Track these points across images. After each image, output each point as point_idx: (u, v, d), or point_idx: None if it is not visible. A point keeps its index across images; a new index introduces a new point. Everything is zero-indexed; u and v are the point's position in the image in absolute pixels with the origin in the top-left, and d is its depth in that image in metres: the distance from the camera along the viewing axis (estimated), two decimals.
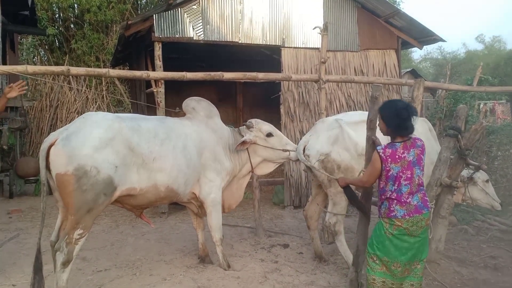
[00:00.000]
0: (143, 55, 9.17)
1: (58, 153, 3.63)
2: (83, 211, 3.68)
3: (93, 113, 4.12)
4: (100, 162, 3.70)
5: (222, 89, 11.79)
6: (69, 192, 3.61)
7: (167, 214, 7.37)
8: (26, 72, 4.82)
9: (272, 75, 7.29)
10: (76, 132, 3.73)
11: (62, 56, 16.96)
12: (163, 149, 4.22)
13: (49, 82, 14.61)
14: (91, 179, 3.64)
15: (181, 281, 4.51)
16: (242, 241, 5.90)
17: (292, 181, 7.95)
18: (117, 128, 3.92)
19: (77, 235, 3.69)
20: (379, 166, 3.40)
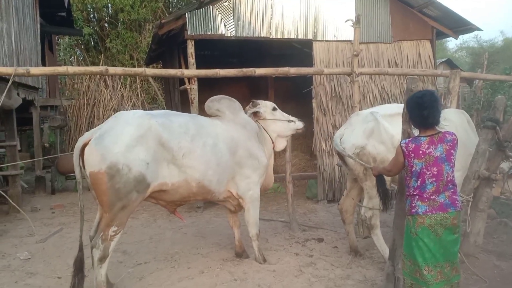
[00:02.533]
0: (176, 52, 9.32)
1: (91, 152, 3.71)
2: (117, 208, 3.75)
3: (124, 112, 4.19)
4: (132, 160, 3.76)
5: (254, 84, 11.83)
6: (102, 190, 3.70)
7: (202, 209, 7.51)
8: (67, 72, 5.00)
9: (304, 69, 7.28)
10: (108, 131, 3.81)
11: (98, 55, 17.44)
12: (193, 145, 4.24)
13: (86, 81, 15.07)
14: (124, 177, 3.71)
15: (218, 274, 4.61)
16: (276, 235, 5.95)
17: (325, 175, 7.93)
18: (147, 125, 3.97)
19: (112, 231, 3.77)
20: (401, 160, 3.33)
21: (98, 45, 18.00)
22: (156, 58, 11.93)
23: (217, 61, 9.25)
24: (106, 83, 15.90)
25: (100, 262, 3.74)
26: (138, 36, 17.31)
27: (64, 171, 9.81)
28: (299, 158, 10.52)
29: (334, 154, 7.77)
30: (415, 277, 3.32)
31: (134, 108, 15.88)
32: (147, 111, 4.27)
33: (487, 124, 4.41)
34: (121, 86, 16.01)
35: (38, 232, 6.34)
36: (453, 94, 6.11)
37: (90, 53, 18.05)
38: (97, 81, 15.56)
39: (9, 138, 7.95)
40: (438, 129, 3.29)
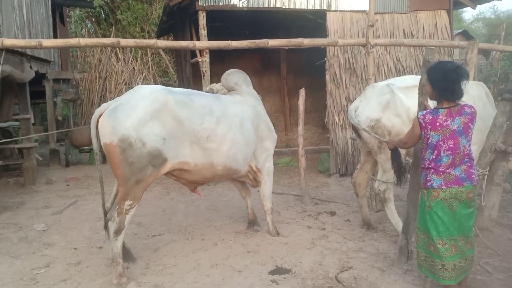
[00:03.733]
0: (188, 24, 9.21)
1: (104, 123, 3.66)
2: (132, 182, 3.70)
3: (144, 86, 4.08)
4: (145, 134, 3.67)
5: (266, 56, 11.69)
6: (116, 163, 3.65)
7: (214, 182, 7.53)
8: (78, 44, 4.96)
9: (317, 40, 7.14)
10: (123, 104, 3.74)
11: (109, 27, 17.33)
12: (220, 128, 4.13)
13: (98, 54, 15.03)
14: (137, 151, 3.63)
15: (231, 246, 4.65)
16: (288, 209, 5.97)
17: (338, 148, 7.88)
18: (163, 100, 3.85)
19: (127, 205, 3.74)
20: (418, 132, 3.29)
21: (109, 18, 17.85)
22: (167, 30, 11.80)
23: (229, 32, 9.10)
24: (117, 56, 15.85)
25: (116, 235, 3.73)
26: (149, 8, 17.12)
27: (77, 144, 9.89)
28: (311, 131, 10.48)
29: (347, 128, 7.70)
30: (429, 250, 3.31)
31: (146, 81, 15.85)
32: (168, 88, 4.17)
33: (505, 96, 4.30)
34: (132, 59, 15.95)
35: (54, 204, 6.45)
36: (470, 65, 5.93)
37: (101, 26, 17.94)
38: (108, 54, 15.50)
39: (23, 111, 8.00)
40: (456, 101, 3.21)
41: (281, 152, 8.52)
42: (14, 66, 7.07)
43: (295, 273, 3.95)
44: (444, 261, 3.21)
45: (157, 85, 4.22)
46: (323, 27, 8.28)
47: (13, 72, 6.79)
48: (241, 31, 11.23)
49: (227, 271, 4.06)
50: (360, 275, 3.88)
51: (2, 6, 6.90)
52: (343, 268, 4.03)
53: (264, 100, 11.90)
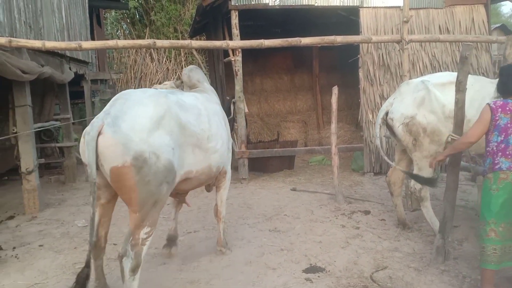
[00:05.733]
0: (220, 24, 9.29)
1: (109, 143, 2.98)
2: (149, 205, 3.15)
3: (130, 91, 3.54)
4: (158, 146, 3.14)
5: (298, 54, 11.65)
6: (130, 187, 3.05)
7: (247, 180, 7.59)
8: (116, 46, 5.12)
9: (351, 37, 7.08)
10: (121, 115, 3.10)
11: (143, 28, 17.68)
12: (212, 127, 3.89)
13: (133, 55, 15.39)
14: (153, 167, 3.08)
15: (265, 244, 4.69)
16: (322, 207, 5.95)
17: (372, 147, 7.78)
18: (165, 104, 3.38)
19: (144, 234, 3.14)
20: (488, 117, 3.34)
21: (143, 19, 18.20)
22: (200, 30, 11.94)
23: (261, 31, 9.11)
24: (152, 57, 16.18)
25: (133, 273, 3.10)
26: (182, 8, 17.35)
27: None
28: (344, 129, 10.38)
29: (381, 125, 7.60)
30: (495, 239, 3.30)
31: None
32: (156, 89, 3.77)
33: None
34: (166, 60, 16.25)
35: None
36: (510, 61, 5.76)
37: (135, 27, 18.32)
38: (143, 55, 15.85)
39: (63, 111, 8.29)
40: None
41: (313, 150, 8.50)
42: (55, 67, 7.33)
43: (330, 272, 3.95)
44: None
45: (146, 89, 3.93)
46: (356, 24, 8.19)
47: (53, 74, 7.04)
48: (273, 29, 11.24)
49: (261, 268, 4.10)
50: (396, 274, 3.84)
51: (42, 10, 7.17)
52: (378, 267, 4.00)
53: (296, 98, 11.97)
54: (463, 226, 4.83)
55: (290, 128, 11.11)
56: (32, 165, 6.17)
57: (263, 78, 11.95)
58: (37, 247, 4.88)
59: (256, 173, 8.09)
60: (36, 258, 4.55)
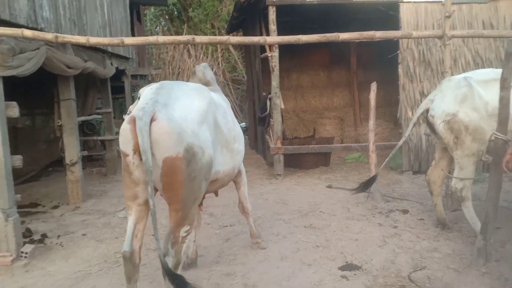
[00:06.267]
0: (258, 20, 9.31)
1: (164, 129, 2.78)
2: (191, 203, 3.03)
3: (169, 82, 3.33)
4: (204, 141, 3.02)
5: (335, 50, 11.52)
6: (179, 182, 2.87)
7: (282, 176, 7.60)
8: (157, 42, 5.24)
9: (390, 33, 6.94)
10: (170, 103, 2.94)
11: (181, 25, 17.96)
12: (236, 127, 3.77)
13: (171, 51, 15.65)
14: (199, 163, 2.94)
15: (300, 240, 4.70)
16: (358, 205, 5.89)
17: (411, 145, 7.63)
18: (207, 97, 3.28)
19: (184, 232, 3.04)
20: None
21: (181, 15, 18.49)
22: (237, 26, 12.02)
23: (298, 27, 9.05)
24: (189, 53, 16.41)
25: (175, 271, 2.96)
26: (219, 4, 17.51)
27: None
28: (382, 127, 10.21)
29: (421, 123, 7.43)
30: None
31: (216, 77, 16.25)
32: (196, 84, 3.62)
33: None
34: (203, 56, 16.44)
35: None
36: None
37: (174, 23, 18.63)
38: (181, 51, 16.11)
39: (105, 105, 8.56)
40: None
41: (350, 147, 8.41)
42: (97, 63, 7.57)
43: (366, 270, 3.91)
44: None
45: (182, 81, 3.74)
46: (394, 19, 8.02)
47: (96, 69, 7.28)
48: (310, 25, 11.14)
49: (296, 264, 4.12)
50: (435, 275, 3.77)
51: (86, 7, 7.40)
52: (416, 267, 3.93)
53: (333, 95, 11.88)
54: (506, 227, 4.67)
55: (326, 125, 11.03)
56: (76, 157, 6.41)
57: (299, 74, 11.91)
58: (80, 236, 5.08)
59: (291, 169, 8.09)
60: (79, 247, 4.74)
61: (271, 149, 7.72)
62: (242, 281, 3.82)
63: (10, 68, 4.38)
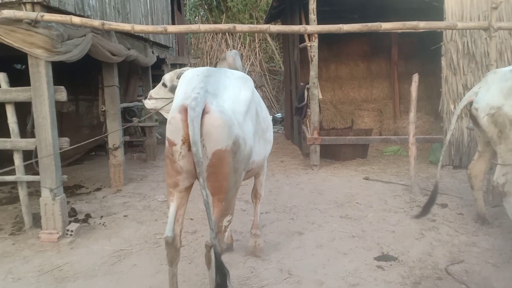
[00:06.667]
0: (297, 9, 9.27)
1: (217, 122, 2.76)
2: (233, 193, 3.05)
3: (230, 70, 3.38)
4: (247, 132, 3.02)
5: (375, 40, 11.31)
6: (225, 173, 2.88)
7: (318, 167, 7.59)
8: (199, 30, 5.31)
9: (434, 23, 6.75)
10: (219, 94, 2.92)
11: (220, 14, 18.06)
12: (267, 117, 3.72)
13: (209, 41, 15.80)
14: (241, 154, 2.95)
15: (336, 229, 4.72)
16: (396, 198, 5.83)
17: (452, 139, 7.44)
18: (251, 87, 3.24)
19: (226, 221, 3.06)
20: None
21: (220, 5, 18.57)
22: (276, 16, 11.98)
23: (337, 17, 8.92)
24: (227, 43, 16.52)
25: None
26: None
27: None
28: (423, 120, 9.98)
29: (463, 117, 7.24)
30: None
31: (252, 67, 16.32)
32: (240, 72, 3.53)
33: None
34: (240, 46, 16.50)
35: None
36: None
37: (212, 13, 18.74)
38: (219, 41, 16.23)
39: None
40: None
41: (389, 139, 8.29)
42: (139, 51, 7.75)
43: (402, 261, 3.90)
44: None
45: (226, 68, 3.52)
46: (437, 10, 7.80)
47: (138, 57, 7.46)
48: (350, 15, 11.00)
49: (331, 252, 4.14)
50: (472, 269, 3.71)
51: None
52: (454, 260, 3.88)
53: (372, 86, 11.68)
54: None
55: (364, 117, 10.88)
56: (118, 142, 6.63)
57: (338, 64, 11.77)
58: (122, 217, 5.28)
59: (328, 161, 8.07)
60: (121, 227, 4.93)
61: (307, 139, 7.72)
62: (277, 266, 3.89)
63: (59, 53, 4.56)
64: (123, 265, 4.00)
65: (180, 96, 2.94)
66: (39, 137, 4.53)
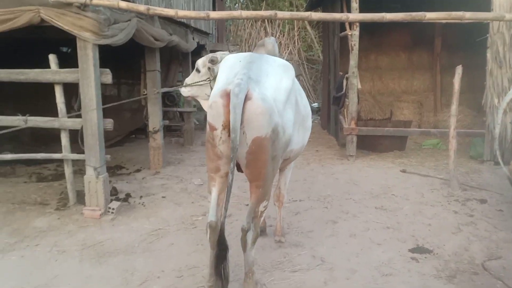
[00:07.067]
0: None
1: (259, 110, 2.77)
2: (270, 180, 3.09)
3: (261, 55, 3.28)
4: (286, 120, 3.04)
5: (418, 31, 11.00)
6: (263, 160, 2.90)
7: (354, 158, 7.54)
8: (240, 16, 5.35)
9: (481, 14, 6.49)
10: (261, 81, 2.93)
11: (259, 2, 18.00)
12: (307, 105, 3.68)
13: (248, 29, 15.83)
14: (280, 142, 2.98)
15: (370, 220, 4.71)
16: (433, 191, 5.74)
17: (494, 134, 7.20)
18: (292, 75, 3.24)
19: (262, 207, 3.12)
20: None
21: None
22: (317, 4, 11.85)
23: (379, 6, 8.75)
24: (266, 31, 16.48)
25: (254, 243, 3.14)
26: None
27: None
28: (464, 113, 9.69)
29: (508, 111, 7.00)
30: None
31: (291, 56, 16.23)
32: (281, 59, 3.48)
33: None
34: (279, 34, 16.43)
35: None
36: None
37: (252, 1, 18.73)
38: (258, 29, 16.22)
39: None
40: None
41: (428, 132, 8.11)
42: (180, 37, 7.88)
43: (438, 255, 3.87)
44: None
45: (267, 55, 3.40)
46: (483, 0, 7.52)
47: (179, 42, 7.59)
48: (392, 4, 10.71)
49: (365, 242, 4.15)
50: (511, 265, 3.63)
51: None
52: (491, 256, 3.82)
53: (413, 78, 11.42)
54: None
55: (403, 109, 10.67)
56: (158, 125, 6.81)
57: (378, 54, 11.55)
58: (160, 198, 5.44)
59: (364, 152, 7.99)
60: (159, 208, 5.10)
61: (344, 129, 7.67)
62: (310, 252, 3.93)
63: (106, 37, 4.71)
64: (161, 243, 4.15)
65: (222, 81, 2.96)
66: (85, 117, 4.72)
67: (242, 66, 2.99)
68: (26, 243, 4.12)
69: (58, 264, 3.73)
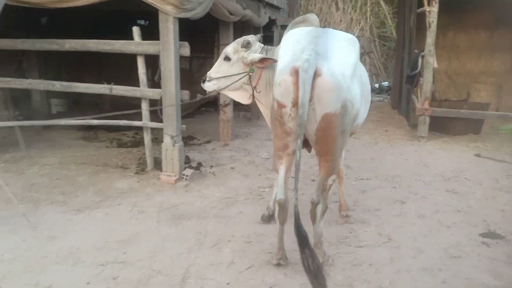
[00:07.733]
0: None
1: (328, 86, 2.78)
2: (339, 154, 3.16)
3: (326, 29, 3.25)
4: (354, 95, 3.00)
5: (501, 9, 10.23)
6: (333, 136, 2.92)
7: (426, 139, 7.33)
8: None
9: None
10: (330, 56, 2.91)
11: None
12: (366, 76, 3.65)
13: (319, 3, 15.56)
14: (348, 117, 2.96)
15: (440, 202, 4.63)
16: (509, 177, 5.47)
17: None
18: (358, 49, 3.22)
19: (331, 180, 3.16)
20: None
21: None
22: None
23: None
24: (337, 6, 16.14)
25: (323, 216, 3.23)
26: None
27: None
28: None
29: None
30: None
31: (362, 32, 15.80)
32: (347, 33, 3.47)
33: None
34: (351, 9, 16.02)
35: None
36: None
37: None
38: (329, 3, 15.90)
39: None
40: None
41: (507, 116, 7.68)
42: (253, 11, 7.96)
43: (510, 241, 3.76)
44: None
45: (333, 29, 3.35)
46: None
47: (252, 17, 7.68)
48: None
49: (434, 224, 4.11)
50: None
51: None
52: None
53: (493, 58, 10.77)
54: None
55: (481, 90, 10.10)
56: (229, 99, 7.00)
57: (456, 32, 10.93)
58: (229, 168, 5.67)
59: (436, 133, 7.72)
60: (228, 178, 5.32)
61: (417, 109, 7.45)
62: (376, 230, 3.97)
63: (185, 10, 4.89)
64: (231, 210, 4.36)
65: (289, 57, 2.94)
66: (164, 88, 4.98)
67: (308, 41, 2.97)
68: (110, 202, 4.49)
69: (139, 222, 4.05)
